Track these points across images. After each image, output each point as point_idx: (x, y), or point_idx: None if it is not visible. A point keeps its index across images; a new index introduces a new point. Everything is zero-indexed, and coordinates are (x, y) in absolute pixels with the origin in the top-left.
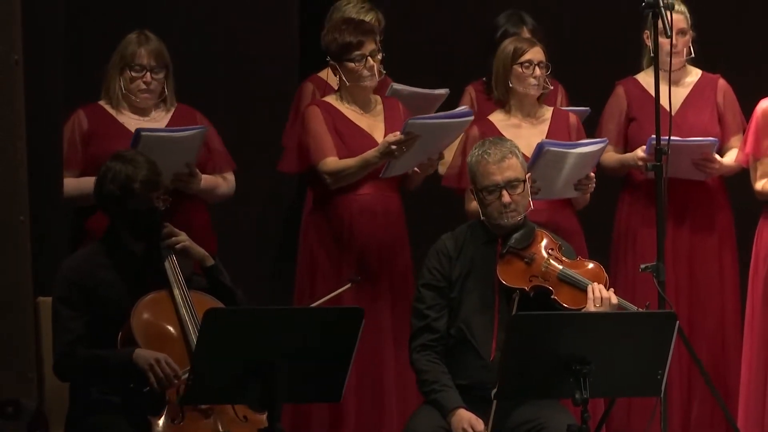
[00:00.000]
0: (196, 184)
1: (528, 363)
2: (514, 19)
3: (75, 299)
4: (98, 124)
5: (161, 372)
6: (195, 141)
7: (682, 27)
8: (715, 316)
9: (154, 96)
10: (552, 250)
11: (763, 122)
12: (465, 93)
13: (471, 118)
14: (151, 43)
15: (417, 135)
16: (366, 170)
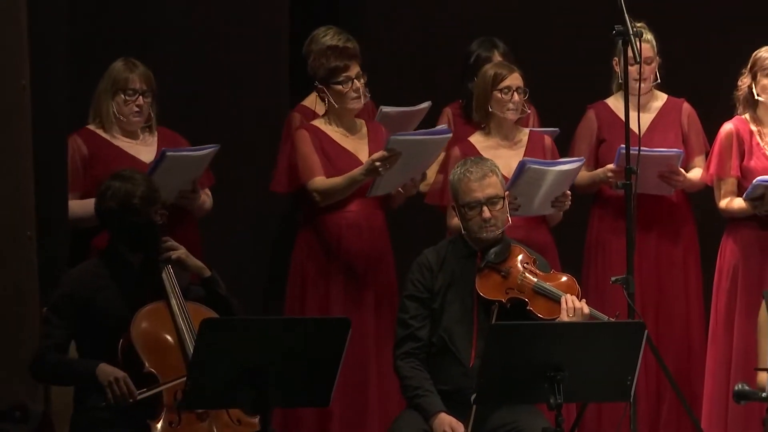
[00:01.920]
0: (196, 200)
1: (505, 370)
2: (486, 45)
3: (64, 310)
4: (96, 148)
5: (118, 390)
6: (207, 159)
7: (648, 55)
8: (681, 325)
9: (143, 119)
10: (527, 264)
11: (726, 144)
12: (443, 114)
13: (449, 135)
14: (140, 69)
15: (399, 152)
16: (352, 188)
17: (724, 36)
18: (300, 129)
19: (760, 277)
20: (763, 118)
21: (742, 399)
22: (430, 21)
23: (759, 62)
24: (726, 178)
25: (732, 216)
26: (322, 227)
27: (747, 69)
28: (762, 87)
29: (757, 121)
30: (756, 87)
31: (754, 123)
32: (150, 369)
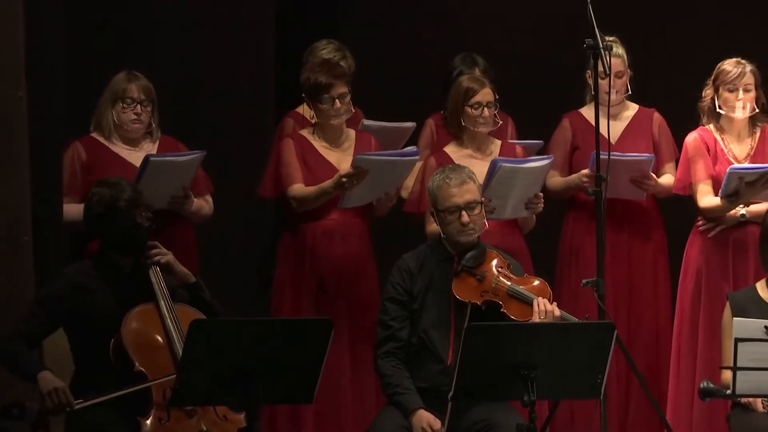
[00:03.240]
0: (189, 206)
1: (481, 368)
2: (467, 61)
3: (51, 309)
4: (95, 154)
5: (57, 399)
6: (194, 165)
7: (619, 69)
8: (650, 326)
9: (143, 127)
10: (501, 268)
11: (695, 150)
12: (426, 125)
13: (417, 157)
14: (140, 80)
15: (366, 170)
16: (323, 198)
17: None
18: (286, 138)
19: (723, 278)
20: (726, 127)
21: (707, 396)
22: (415, 35)
23: (721, 75)
24: (703, 180)
25: (713, 216)
26: (299, 234)
27: (710, 81)
28: (724, 100)
29: (721, 130)
30: (718, 99)
31: (718, 132)
32: (140, 368)
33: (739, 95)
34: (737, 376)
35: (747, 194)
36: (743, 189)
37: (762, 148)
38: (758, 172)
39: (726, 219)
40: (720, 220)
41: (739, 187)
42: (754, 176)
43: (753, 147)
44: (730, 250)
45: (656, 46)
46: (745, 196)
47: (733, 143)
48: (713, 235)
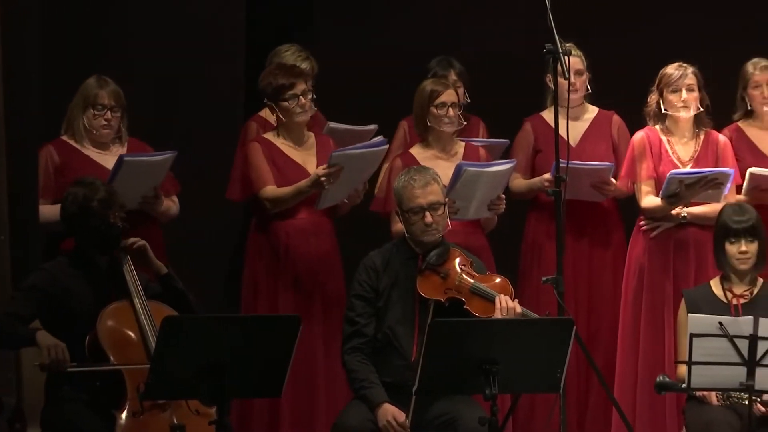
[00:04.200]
0: (159, 206)
1: (444, 363)
2: (443, 64)
3: (32, 297)
4: (68, 157)
5: (55, 355)
6: (166, 165)
7: (578, 68)
8: (609, 322)
9: (112, 132)
10: (465, 266)
11: (640, 149)
12: (399, 127)
13: (386, 147)
14: (110, 86)
15: (341, 166)
16: (299, 198)
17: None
18: (252, 141)
19: (664, 277)
20: (672, 129)
21: (664, 390)
22: (390, 39)
23: (665, 78)
24: (645, 180)
25: (653, 216)
26: (272, 233)
27: (654, 86)
28: (668, 102)
29: (667, 132)
30: (664, 102)
31: (664, 133)
32: (114, 363)
33: (682, 95)
34: (692, 370)
35: (686, 196)
36: (683, 191)
37: (705, 152)
38: (697, 176)
39: (668, 219)
40: (662, 221)
41: (679, 190)
42: (693, 179)
43: (697, 150)
44: (672, 250)
45: (617, 50)
46: (685, 198)
47: (678, 145)
48: (655, 234)
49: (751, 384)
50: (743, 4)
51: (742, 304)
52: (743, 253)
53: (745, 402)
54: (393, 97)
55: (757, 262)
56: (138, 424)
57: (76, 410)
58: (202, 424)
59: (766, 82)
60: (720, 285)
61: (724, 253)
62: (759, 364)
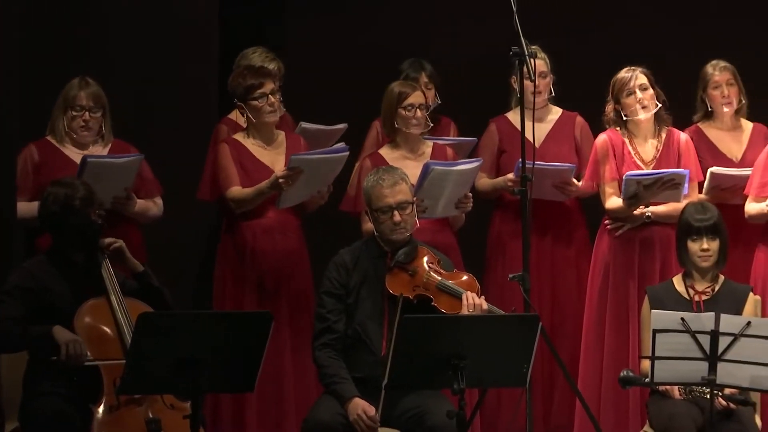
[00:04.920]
0: (131, 207)
1: (413, 358)
2: (415, 66)
3: (18, 297)
4: (47, 156)
5: (73, 350)
6: (132, 167)
7: (542, 71)
8: (573, 318)
9: (92, 133)
10: (432, 263)
11: (603, 151)
12: (372, 127)
13: (346, 154)
14: (91, 87)
15: (301, 169)
16: (260, 198)
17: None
18: (222, 142)
19: (629, 274)
20: (633, 131)
21: (627, 384)
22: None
23: (617, 85)
24: (608, 182)
25: (617, 216)
26: (239, 232)
27: (609, 95)
28: (626, 106)
29: (629, 134)
30: (622, 108)
31: (626, 135)
32: (92, 359)
33: (637, 96)
34: (655, 365)
35: (645, 197)
36: (641, 192)
37: (667, 151)
38: (653, 177)
39: (632, 219)
40: (626, 220)
41: (638, 191)
42: (650, 180)
43: (659, 150)
44: (637, 248)
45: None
46: (644, 199)
47: (641, 146)
48: (620, 234)
49: (712, 378)
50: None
51: (703, 301)
52: (705, 250)
53: (707, 396)
54: (365, 98)
55: (719, 260)
56: (114, 418)
57: (53, 404)
58: (176, 418)
59: (725, 82)
60: (682, 282)
61: (687, 251)
62: (720, 359)
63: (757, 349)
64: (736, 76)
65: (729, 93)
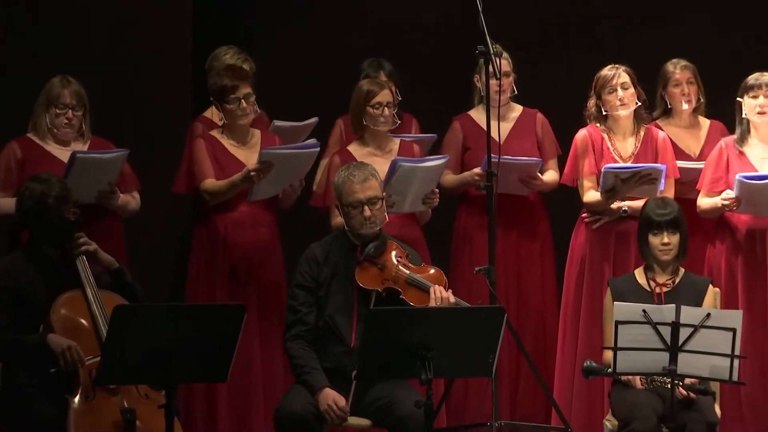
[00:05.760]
0: (115, 200)
1: (382, 350)
2: (374, 65)
3: (4, 300)
4: (30, 153)
5: (70, 357)
6: (118, 162)
7: (506, 70)
8: (538, 310)
9: (74, 130)
10: (401, 258)
11: (583, 146)
12: (335, 125)
13: (317, 149)
14: (73, 86)
15: (272, 163)
16: (233, 191)
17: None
18: (198, 138)
19: (605, 266)
20: (612, 127)
21: (590, 374)
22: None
23: (600, 81)
24: (587, 176)
25: (595, 210)
26: (212, 225)
27: (592, 90)
28: (607, 103)
29: (608, 130)
30: (603, 104)
31: (605, 132)
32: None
33: (618, 94)
34: (618, 355)
35: (623, 190)
36: (619, 186)
37: (645, 148)
38: (631, 171)
39: (609, 212)
40: (604, 214)
41: (615, 184)
42: (627, 174)
43: (637, 147)
44: (613, 241)
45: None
46: (621, 192)
47: (620, 142)
48: (597, 227)
49: (673, 368)
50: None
51: (664, 293)
52: (666, 244)
53: (668, 386)
54: (329, 97)
55: (679, 253)
56: (90, 408)
57: (30, 395)
58: (151, 408)
59: (686, 80)
60: (644, 274)
61: (648, 245)
62: (681, 349)
63: (716, 339)
64: (695, 74)
65: (689, 91)
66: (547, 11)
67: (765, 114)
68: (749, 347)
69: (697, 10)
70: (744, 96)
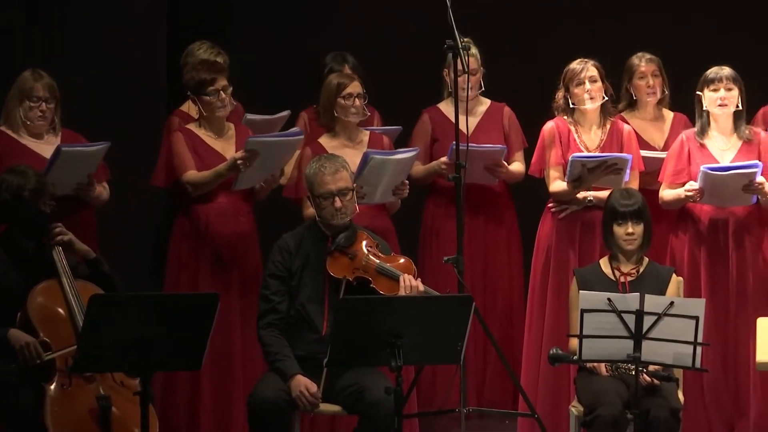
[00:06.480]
0: (93, 192)
1: (352, 337)
2: (338, 59)
3: None
4: (6, 146)
5: (28, 353)
6: (100, 154)
7: (474, 67)
8: (504, 298)
9: (47, 122)
10: (371, 247)
11: (550, 138)
12: (299, 118)
13: (302, 137)
14: (45, 79)
15: (257, 151)
16: (218, 180)
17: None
18: (176, 131)
19: (571, 255)
20: (579, 120)
21: (556, 361)
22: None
23: (569, 74)
24: (554, 166)
25: (561, 199)
26: (194, 215)
27: (560, 83)
28: (574, 95)
29: (575, 122)
30: (570, 97)
31: (572, 124)
32: (44, 338)
33: (586, 87)
34: (583, 343)
35: (589, 180)
36: (585, 175)
37: (611, 140)
38: (598, 160)
39: (575, 202)
40: (570, 203)
41: (582, 173)
42: (594, 163)
43: (603, 139)
44: (578, 231)
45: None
46: (588, 182)
47: (586, 134)
48: (563, 216)
49: (637, 356)
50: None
51: (629, 282)
52: (630, 234)
53: (632, 372)
54: (293, 90)
55: (643, 243)
56: (66, 395)
57: (7, 383)
58: (126, 395)
59: (651, 73)
60: (608, 264)
61: (612, 234)
62: (645, 337)
63: (679, 327)
64: (660, 67)
65: (654, 83)
66: (515, 6)
67: (725, 106)
68: (712, 335)
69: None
70: (704, 89)
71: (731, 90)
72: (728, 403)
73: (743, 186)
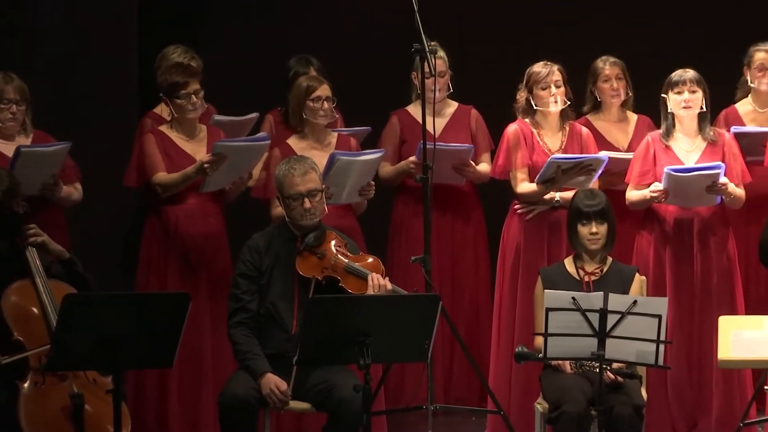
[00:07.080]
0: (58, 192)
1: (322, 336)
2: (302, 61)
3: None
4: None
5: None
6: (61, 154)
7: (442, 69)
8: (471, 297)
9: (18, 124)
10: (340, 247)
11: (514, 140)
12: (265, 120)
13: (268, 142)
14: (15, 81)
15: (225, 155)
16: (186, 182)
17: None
18: (147, 133)
19: (539, 255)
20: (541, 122)
21: (522, 359)
22: (257, 42)
23: (533, 77)
24: (520, 168)
25: (528, 200)
26: (164, 216)
27: (522, 84)
28: (538, 98)
29: (536, 125)
30: (534, 99)
31: (534, 126)
32: (18, 337)
33: (551, 91)
34: (548, 341)
35: (561, 180)
36: (558, 176)
37: (571, 142)
38: (574, 161)
39: (542, 203)
40: (536, 204)
41: (556, 174)
42: (570, 164)
43: (564, 141)
44: (546, 231)
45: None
46: (559, 183)
47: (548, 136)
48: (530, 217)
49: (601, 353)
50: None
51: (593, 281)
52: (594, 234)
53: (596, 370)
54: (263, 92)
55: (607, 243)
56: (40, 393)
57: None
58: (99, 393)
59: (615, 76)
60: (573, 263)
61: (577, 234)
62: (608, 335)
63: (642, 326)
64: (624, 70)
65: (618, 86)
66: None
67: (690, 108)
68: (677, 333)
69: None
70: (669, 92)
71: (695, 92)
72: (691, 401)
73: (707, 187)
